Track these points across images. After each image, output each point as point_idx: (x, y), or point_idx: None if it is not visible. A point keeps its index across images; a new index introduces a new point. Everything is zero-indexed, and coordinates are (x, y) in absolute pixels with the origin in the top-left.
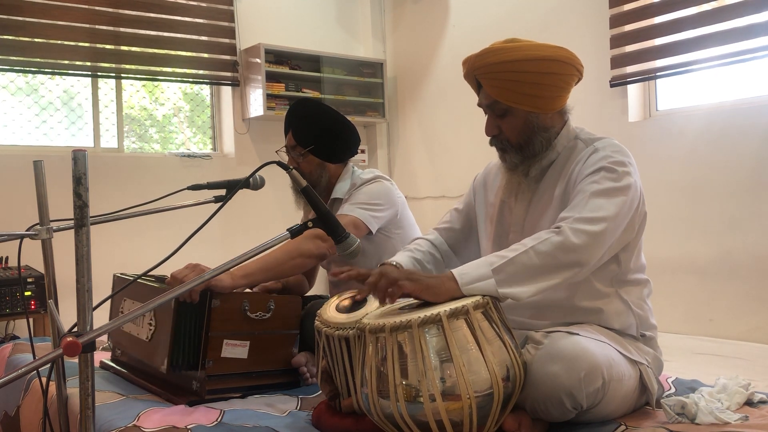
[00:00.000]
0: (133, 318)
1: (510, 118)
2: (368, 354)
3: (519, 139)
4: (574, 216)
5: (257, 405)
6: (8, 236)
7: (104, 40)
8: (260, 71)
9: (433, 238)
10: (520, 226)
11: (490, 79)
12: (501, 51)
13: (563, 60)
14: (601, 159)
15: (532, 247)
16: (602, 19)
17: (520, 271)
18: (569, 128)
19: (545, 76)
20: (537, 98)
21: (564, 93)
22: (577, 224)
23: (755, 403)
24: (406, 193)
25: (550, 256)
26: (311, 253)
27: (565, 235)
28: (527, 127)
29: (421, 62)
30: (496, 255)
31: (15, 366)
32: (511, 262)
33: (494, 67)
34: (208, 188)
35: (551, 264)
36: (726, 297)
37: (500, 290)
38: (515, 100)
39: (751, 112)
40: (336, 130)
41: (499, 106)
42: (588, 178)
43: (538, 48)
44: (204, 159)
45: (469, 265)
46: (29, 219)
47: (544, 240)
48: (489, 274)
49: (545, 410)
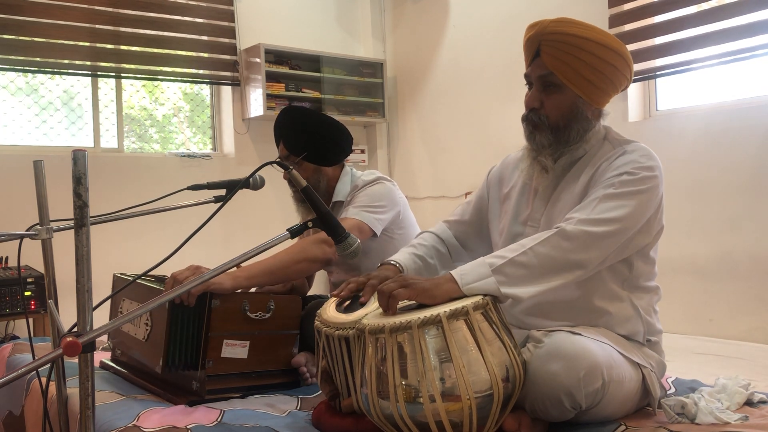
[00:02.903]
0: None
1: (558, 95)
2: (368, 354)
3: (559, 120)
4: (579, 217)
5: (257, 405)
6: (8, 236)
7: (104, 39)
8: (260, 71)
9: (440, 231)
10: (537, 220)
11: (555, 50)
12: (577, 25)
13: (626, 59)
14: (628, 163)
15: (531, 248)
16: (602, 18)
17: (520, 272)
18: (600, 128)
19: (607, 66)
20: (591, 85)
21: (613, 91)
22: (581, 225)
23: (755, 403)
24: (406, 193)
25: (548, 257)
26: (317, 257)
27: (564, 235)
28: (572, 110)
29: (421, 62)
30: (494, 255)
31: (15, 366)
32: (511, 262)
33: (566, 38)
34: (208, 188)
35: (550, 265)
36: (726, 297)
37: (502, 290)
38: (571, 78)
39: (751, 112)
40: (326, 132)
41: (552, 79)
42: (608, 180)
43: (609, 36)
44: (204, 159)
45: (468, 265)
46: (29, 219)
47: (542, 240)
48: (488, 274)
49: (544, 409)
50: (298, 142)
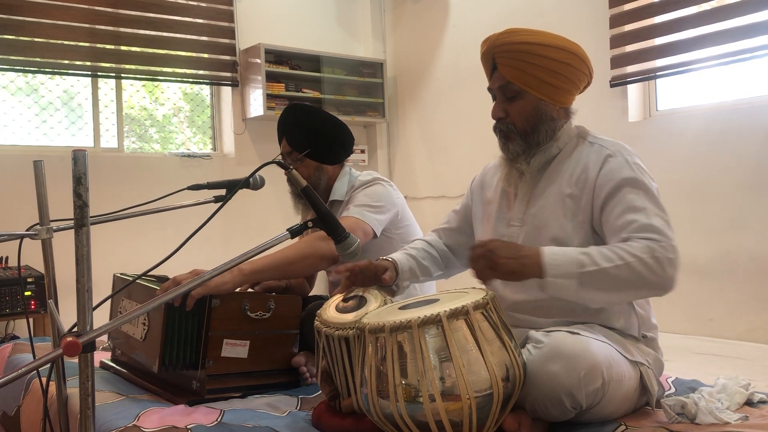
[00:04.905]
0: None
1: (520, 102)
2: (368, 354)
3: (525, 125)
4: (657, 240)
5: (257, 405)
6: (8, 236)
7: (104, 40)
8: (260, 71)
9: (430, 239)
10: (520, 219)
11: (509, 59)
12: (524, 33)
13: (581, 56)
14: (624, 167)
15: (627, 263)
16: (602, 18)
17: (606, 282)
18: (571, 126)
19: (562, 66)
20: (550, 87)
21: (574, 89)
22: (668, 253)
23: (755, 403)
24: (406, 193)
25: (641, 277)
26: (325, 254)
27: (660, 263)
28: (536, 113)
29: (421, 62)
30: (590, 257)
31: (15, 366)
32: (604, 272)
33: (516, 47)
34: (208, 188)
35: (638, 283)
36: (726, 297)
37: (578, 293)
38: (530, 84)
39: (751, 112)
40: (329, 131)
41: (511, 88)
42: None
43: (559, 38)
44: (204, 159)
45: (561, 255)
46: (29, 219)
47: (641, 259)
48: (575, 274)
49: (545, 409)
50: (302, 139)
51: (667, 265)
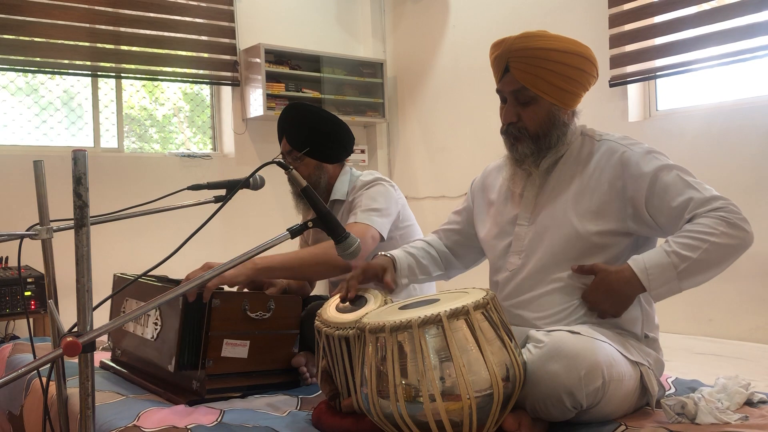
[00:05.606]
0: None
1: (534, 107)
2: (368, 354)
3: (538, 130)
4: (721, 208)
5: (257, 405)
6: (8, 236)
7: (104, 39)
8: (260, 71)
9: (430, 239)
10: (528, 218)
11: (525, 64)
12: (541, 38)
13: (592, 60)
14: (645, 158)
15: (711, 243)
16: (601, 18)
17: (701, 267)
18: (576, 126)
19: (576, 72)
20: (564, 92)
21: (583, 92)
22: (736, 213)
23: (755, 403)
24: (406, 193)
25: (729, 247)
26: (338, 263)
27: (737, 227)
28: (549, 119)
29: (421, 62)
30: (677, 255)
31: (15, 366)
32: (696, 262)
33: (532, 52)
34: (208, 188)
35: (728, 253)
36: (726, 297)
37: (681, 288)
38: (544, 89)
39: (751, 112)
40: (329, 130)
41: (525, 93)
42: (662, 177)
43: (572, 42)
44: (204, 159)
45: (653, 267)
46: (29, 219)
47: (721, 233)
48: (674, 277)
49: (545, 409)
50: (303, 138)
51: (743, 224)
